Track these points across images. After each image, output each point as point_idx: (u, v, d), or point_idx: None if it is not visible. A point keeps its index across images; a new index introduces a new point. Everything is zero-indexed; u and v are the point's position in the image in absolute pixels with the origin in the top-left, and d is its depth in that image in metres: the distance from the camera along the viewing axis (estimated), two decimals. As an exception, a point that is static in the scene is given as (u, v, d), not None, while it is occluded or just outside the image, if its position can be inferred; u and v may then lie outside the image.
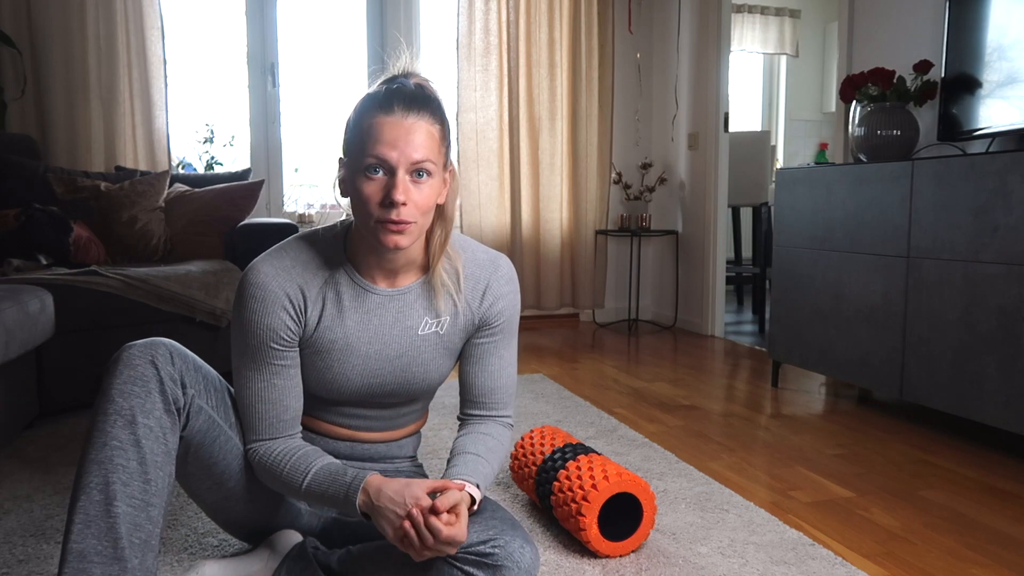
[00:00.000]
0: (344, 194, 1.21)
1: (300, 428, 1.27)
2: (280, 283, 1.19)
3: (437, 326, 1.28)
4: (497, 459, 1.29)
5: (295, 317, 1.20)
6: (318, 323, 1.22)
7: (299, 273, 1.21)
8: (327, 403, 1.30)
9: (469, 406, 1.34)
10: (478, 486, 1.19)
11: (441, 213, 1.24)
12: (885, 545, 1.60)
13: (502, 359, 1.34)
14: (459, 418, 1.36)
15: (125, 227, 2.86)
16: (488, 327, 1.32)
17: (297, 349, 1.23)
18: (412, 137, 1.12)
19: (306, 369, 1.25)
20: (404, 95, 1.14)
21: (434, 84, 1.20)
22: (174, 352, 1.12)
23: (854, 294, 2.54)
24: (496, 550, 1.13)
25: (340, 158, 1.22)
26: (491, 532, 1.16)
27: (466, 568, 1.13)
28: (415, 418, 1.41)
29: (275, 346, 1.20)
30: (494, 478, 1.27)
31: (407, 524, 1.07)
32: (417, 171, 1.13)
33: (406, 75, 1.19)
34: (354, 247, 1.24)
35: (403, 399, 1.33)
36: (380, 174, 1.13)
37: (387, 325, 1.25)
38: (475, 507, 1.18)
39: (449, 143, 1.21)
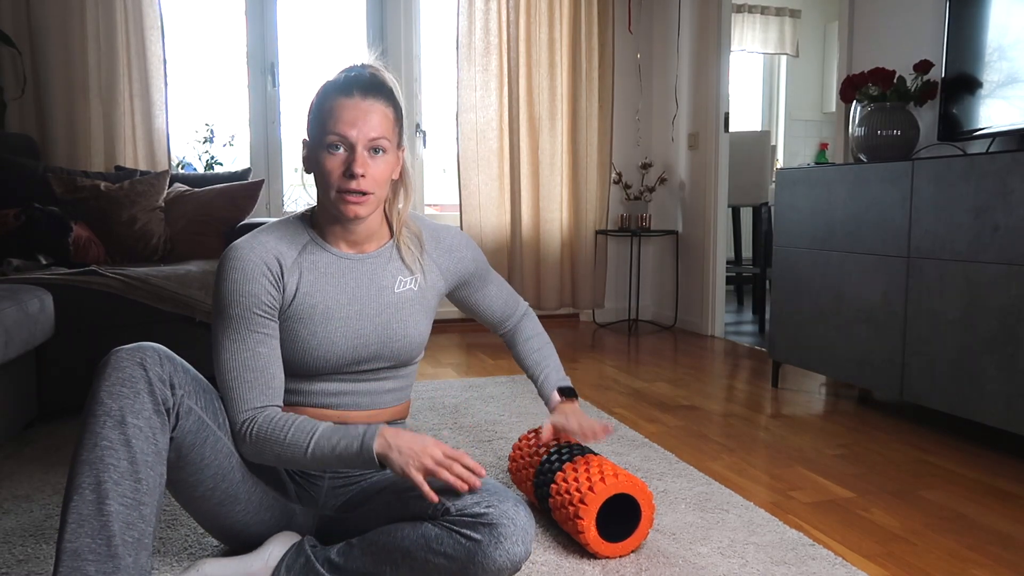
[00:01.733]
0: (308, 171, 1.33)
1: (282, 402, 1.30)
2: (258, 254, 1.28)
3: (412, 283, 1.40)
4: (549, 345, 1.70)
5: (275, 283, 1.28)
6: (296, 291, 1.30)
7: (273, 246, 1.31)
8: (313, 378, 1.33)
9: (498, 326, 1.67)
10: (562, 389, 1.64)
11: (404, 185, 1.41)
12: (885, 545, 1.60)
13: (492, 284, 1.61)
14: (501, 335, 1.70)
15: (125, 227, 2.86)
16: (469, 276, 1.53)
17: (277, 320, 1.29)
18: (369, 117, 1.26)
19: (292, 340, 1.30)
20: (361, 81, 1.28)
21: (388, 72, 1.35)
22: (162, 355, 1.14)
23: (854, 294, 2.54)
24: (490, 510, 1.16)
25: (304, 140, 1.34)
26: (483, 495, 1.19)
27: (463, 531, 1.15)
28: (399, 398, 1.44)
29: (258, 312, 1.26)
30: (556, 355, 1.70)
31: (434, 465, 1.18)
32: (374, 148, 1.27)
33: (363, 65, 1.33)
34: (320, 222, 1.36)
35: (387, 362, 1.38)
36: (341, 150, 1.26)
37: (363, 286, 1.35)
38: (576, 396, 1.65)
39: (402, 125, 1.34)
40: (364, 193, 1.25)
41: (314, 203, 1.38)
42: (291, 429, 1.22)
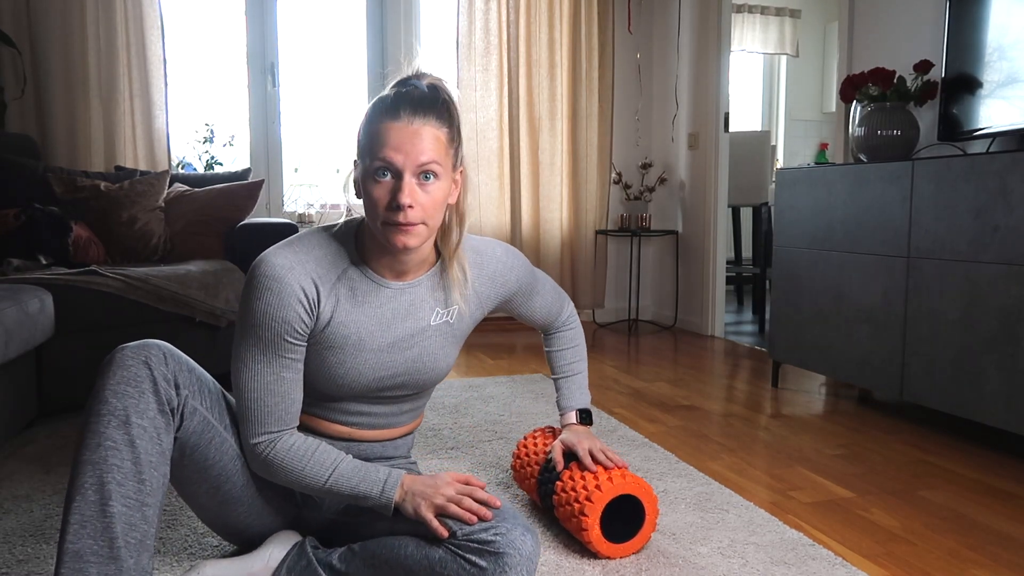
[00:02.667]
0: (358, 195, 1.24)
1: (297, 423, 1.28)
2: (295, 276, 1.20)
3: (448, 316, 1.33)
4: (582, 361, 1.67)
5: (309, 311, 1.21)
6: (331, 318, 1.23)
7: (313, 268, 1.22)
8: (332, 399, 1.31)
9: (542, 328, 1.64)
10: (580, 411, 1.63)
11: (458, 213, 1.30)
12: (885, 545, 1.60)
13: (537, 296, 1.55)
14: (543, 334, 1.68)
15: (125, 227, 2.86)
16: (512, 295, 1.47)
17: (305, 344, 1.24)
18: (417, 141, 1.15)
19: (317, 365, 1.25)
20: (411, 99, 1.17)
21: (447, 84, 1.23)
22: (167, 353, 1.12)
23: (854, 294, 2.54)
24: (497, 538, 1.14)
25: (354, 160, 1.25)
26: (492, 521, 1.18)
27: (468, 556, 1.14)
28: (414, 416, 1.43)
29: (289, 339, 1.20)
30: (586, 369, 1.69)
31: (444, 502, 1.19)
32: (424, 173, 1.17)
33: (418, 76, 1.22)
34: (366, 244, 1.27)
35: (411, 391, 1.35)
36: (388, 177, 1.16)
37: (399, 318, 1.28)
38: (591, 422, 1.64)
39: (459, 144, 1.24)
40: (412, 224, 1.16)
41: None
42: (311, 460, 1.21)
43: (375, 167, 1.16)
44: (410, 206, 1.15)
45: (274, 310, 1.18)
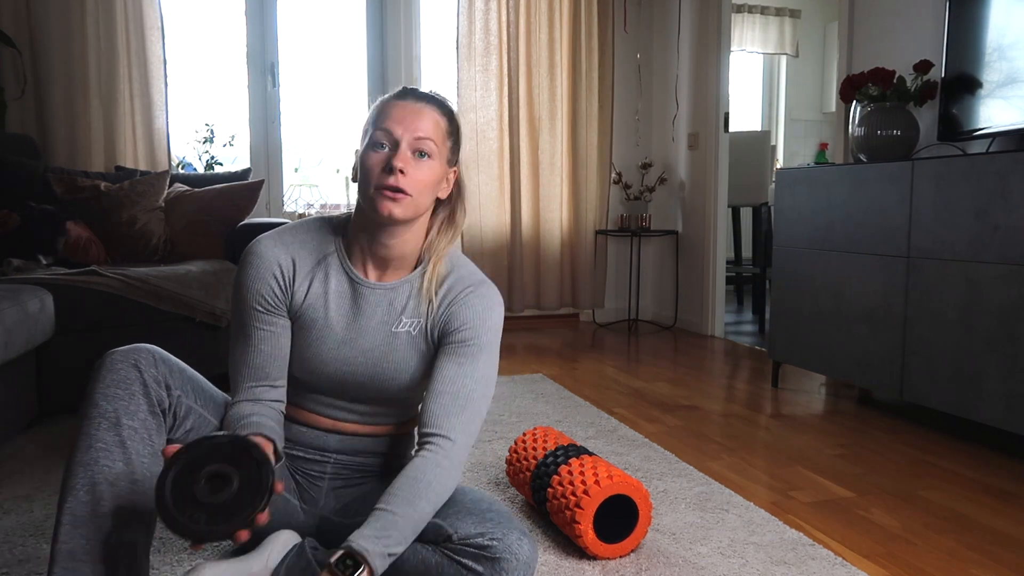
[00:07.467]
0: (355, 179, 1.28)
1: (281, 400, 1.28)
2: (275, 252, 1.26)
3: (411, 326, 1.29)
4: (423, 509, 1.14)
5: (281, 284, 1.26)
6: (304, 300, 1.27)
7: (295, 248, 1.28)
8: (309, 390, 1.32)
9: (422, 422, 1.23)
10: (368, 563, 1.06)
11: (451, 214, 1.32)
12: (885, 545, 1.60)
13: (459, 368, 1.24)
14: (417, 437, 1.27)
15: (125, 227, 2.86)
16: (449, 334, 1.27)
17: (282, 317, 1.27)
18: (417, 118, 1.21)
19: (293, 345, 1.29)
20: (417, 90, 1.27)
21: (451, 102, 1.31)
22: (157, 356, 1.13)
23: (854, 294, 2.54)
24: (494, 542, 1.13)
25: (356, 150, 1.29)
26: (488, 525, 1.16)
27: (464, 561, 1.13)
28: (392, 420, 1.39)
29: (259, 308, 1.24)
30: (412, 533, 1.13)
31: None
32: (420, 151, 1.21)
33: (429, 92, 1.31)
34: (352, 236, 1.30)
35: (375, 395, 1.32)
36: (386, 149, 1.21)
37: (364, 316, 1.29)
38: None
39: (456, 143, 1.29)
40: (402, 192, 1.18)
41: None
42: (234, 428, 1.19)
43: (376, 138, 1.21)
44: (402, 171, 1.18)
45: (251, 281, 1.24)
